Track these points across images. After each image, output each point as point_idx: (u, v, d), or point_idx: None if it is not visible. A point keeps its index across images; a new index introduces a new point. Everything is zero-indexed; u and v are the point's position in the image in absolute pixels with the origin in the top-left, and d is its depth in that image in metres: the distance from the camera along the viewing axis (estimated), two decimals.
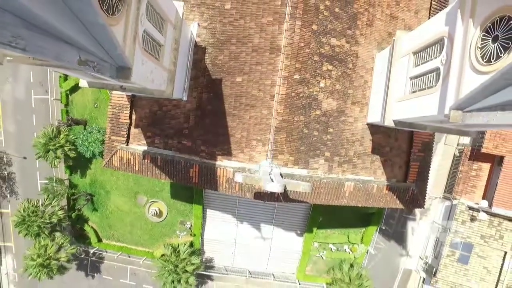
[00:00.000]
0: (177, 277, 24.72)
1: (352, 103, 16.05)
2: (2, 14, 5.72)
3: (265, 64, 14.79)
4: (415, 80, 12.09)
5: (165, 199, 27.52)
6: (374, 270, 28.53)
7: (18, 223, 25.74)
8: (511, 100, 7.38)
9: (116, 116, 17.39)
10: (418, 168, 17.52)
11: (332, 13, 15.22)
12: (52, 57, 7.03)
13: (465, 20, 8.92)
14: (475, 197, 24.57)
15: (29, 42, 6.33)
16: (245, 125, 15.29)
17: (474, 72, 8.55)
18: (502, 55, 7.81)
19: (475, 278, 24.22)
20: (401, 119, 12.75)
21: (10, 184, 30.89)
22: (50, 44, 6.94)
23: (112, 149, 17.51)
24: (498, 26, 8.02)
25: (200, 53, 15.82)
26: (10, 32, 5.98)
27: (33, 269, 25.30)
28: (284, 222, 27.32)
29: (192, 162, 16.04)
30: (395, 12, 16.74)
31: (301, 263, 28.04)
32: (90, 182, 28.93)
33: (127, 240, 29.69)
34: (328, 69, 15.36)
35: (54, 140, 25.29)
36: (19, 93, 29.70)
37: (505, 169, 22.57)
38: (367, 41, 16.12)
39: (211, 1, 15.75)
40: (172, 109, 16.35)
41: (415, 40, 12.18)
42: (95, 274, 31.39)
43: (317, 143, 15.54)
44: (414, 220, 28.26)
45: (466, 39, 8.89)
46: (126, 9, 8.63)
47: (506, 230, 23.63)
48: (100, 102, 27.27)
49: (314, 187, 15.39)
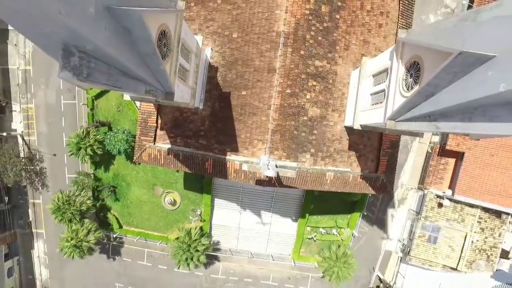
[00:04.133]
0: (190, 255, 29.16)
1: (332, 110, 20.44)
2: (109, 68, 10.27)
3: (264, 81, 19.18)
4: (374, 96, 16.49)
5: (179, 189, 31.99)
6: (359, 252, 32.99)
7: (54, 210, 30.21)
8: (417, 115, 11.79)
9: (145, 120, 21.80)
10: (386, 162, 21.92)
11: (316, 41, 19.58)
12: (132, 90, 11.56)
13: (397, 59, 13.32)
14: (443, 187, 28.97)
15: (122, 83, 10.88)
16: (249, 128, 19.71)
17: (401, 95, 12.95)
18: (414, 86, 12.21)
19: (442, 255, 28.67)
20: (365, 124, 17.14)
21: (41, 178, 35.29)
22: (131, 82, 11.47)
23: (142, 147, 21.93)
24: (413, 66, 12.40)
25: (213, 72, 20.21)
26: (115, 78, 10.51)
27: (67, 249, 29.79)
28: (281, 210, 31.77)
29: (207, 157, 20.50)
30: (367, 38, 21.08)
31: (296, 245, 32.50)
32: (113, 176, 33.36)
33: (145, 226, 34.14)
34: (313, 84, 19.74)
35: (84, 139, 29.66)
36: (51, 98, 34.09)
37: (465, 163, 26.94)
38: (344, 62, 20.48)
39: (221, 31, 20.11)
40: (191, 116, 20.77)
41: (373, 66, 16.58)
42: (116, 257, 35.85)
43: (305, 142, 19.96)
44: (393, 208, 32.71)
45: (398, 72, 13.30)
46: (171, 55, 13.04)
47: (467, 214, 28.06)
48: (123, 107, 31.66)
49: (302, 176, 19.83)
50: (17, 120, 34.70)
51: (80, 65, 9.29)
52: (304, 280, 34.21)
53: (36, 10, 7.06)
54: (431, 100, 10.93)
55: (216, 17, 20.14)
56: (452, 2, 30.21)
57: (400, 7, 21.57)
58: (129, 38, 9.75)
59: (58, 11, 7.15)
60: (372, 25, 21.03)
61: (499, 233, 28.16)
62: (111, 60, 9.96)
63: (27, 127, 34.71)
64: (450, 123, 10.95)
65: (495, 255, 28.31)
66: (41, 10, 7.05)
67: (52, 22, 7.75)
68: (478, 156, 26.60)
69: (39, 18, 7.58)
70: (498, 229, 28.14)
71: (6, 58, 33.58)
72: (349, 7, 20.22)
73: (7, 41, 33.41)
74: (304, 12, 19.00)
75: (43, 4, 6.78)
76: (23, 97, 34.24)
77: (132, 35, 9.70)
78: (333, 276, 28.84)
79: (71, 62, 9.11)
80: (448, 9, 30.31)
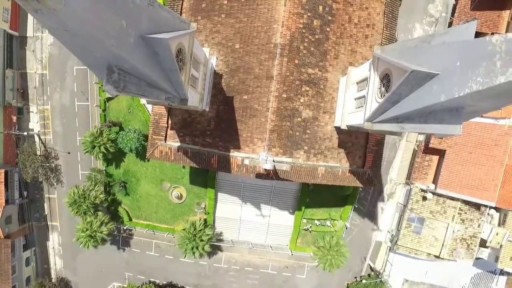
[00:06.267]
0: (195, 244, 31.84)
1: (323, 112, 23.09)
2: (139, 81, 12.93)
3: (263, 87, 21.83)
4: (357, 100, 19.13)
5: (185, 184, 34.67)
6: (352, 243, 35.67)
7: (71, 203, 32.91)
8: (388, 118, 14.42)
9: (157, 121, 24.46)
10: (372, 158, 24.58)
11: (309, 51, 22.22)
12: (155, 98, 14.22)
13: (373, 71, 15.97)
14: (427, 182, 31.61)
15: (148, 92, 13.56)
16: (249, 128, 22.36)
17: (376, 101, 15.58)
18: (385, 94, 14.84)
19: (426, 244, 31.34)
20: (351, 124, 19.77)
21: (56, 174, 37.90)
22: (155, 92, 14.15)
23: (154, 145, 24.59)
24: (385, 78, 15.04)
25: (218, 78, 22.85)
26: (143, 88, 13.17)
27: (83, 239, 32.48)
28: (279, 203, 34.45)
29: (213, 153, 23.16)
30: (355, 48, 23.71)
31: (293, 236, 35.17)
32: (123, 172, 36.02)
33: (153, 218, 36.80)
34: (306, 89, 22.39)
35: (98, 138, 32.30)
36: (65, 100, 36.74)
37: (446, 159, 29.57)
38: (334, 69, 23.11)
39: (225, 42, 22.75)
40: (198, 117, 23.42)
41: (356, 75, 19.22)
42: (126, 248, 38.49)
43: (299, 140, 22.61)
44: (383, 201, 35.37)
45: (374, 82, 15.94)
46: (185, 68, 15.69)
47: (449, 207, 30.71)
48: (133, 108, 34.31)
49: (296, 170, 22.49)
50: (34, 120, 37.34)
51: (118, 79, 11.94)
52: (300, 268, 36.88)
53: (96, 44, 9.74)
54: (397, 106, 13.60)
55: (221, 30, 22.79)
56: (436, 13, 32.83)
57: (385, 20, 24.22)
58: (156, 58, 12.40)
59: (111, 44, 9.83)
60: (359, 36, 23.67)
61: (478, 223, 30.80)
62: (141, 74, 12.62)
63: (43, 127, 37.34)
64: (412, 124, 13.63)
65: (474, 244, 30.96)
66: (100, 44, 9.72)
67: (104, 50, 10.42)
68: (458, 153, 29.24)
69: (94, 47, 10.26)
70: (477, 220, 30.78)
71: (25, 63, 36.25)
72: (338, 21, 22.86)
73: (25, 47, 36.05)
74: (298, 26, 21.64)
75: (104, 41, 9.45)
76: (40, 99, 36.88)
77: (159, 56, 12.35)
78: (326, 263, 31.50)
79: (113, 77, 11.75)
80: (432, 18, 32.93)
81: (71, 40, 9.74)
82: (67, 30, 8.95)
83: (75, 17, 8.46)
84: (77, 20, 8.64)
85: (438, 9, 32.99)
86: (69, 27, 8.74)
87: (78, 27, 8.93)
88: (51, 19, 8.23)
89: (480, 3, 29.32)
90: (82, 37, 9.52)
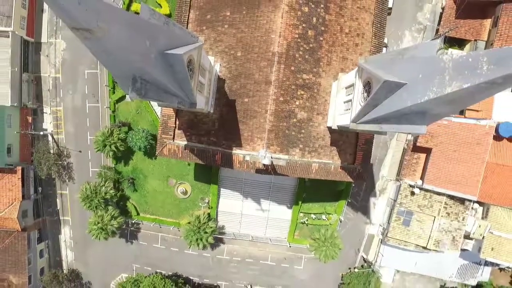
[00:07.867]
0: (199, 236, 34.20)
1: (317, 114, 25.44)
2: (157, 88, 15.32)
3: (262, 91, 24.20)
4: (346, 103, 21.49)
5: (190, 181, 37.04)
6: (346, 236, 37.97)
7: (84, 198, 35.30)
8: (369, 119, 16.77)
9: (165, 122, 26.84)
10: (362, 155, 26.93)
11: (304, 58, 24.57)
12: (169, 102, 16.58)
13: (358, 78, 18.33)
14: (415, 178, 33.93)
15: (164, 98, 15.95)
16: (250, 128, 24.73)
17: (360, 105, 17.92)
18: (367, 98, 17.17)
19: (414, 236, 33.69)
20: (340, 125, 22.13)
21: (68, 171, 40.26)
22: (169, 97, 16.52)
23: (163, 143, 26.96)
24: (367, 84, 17.40)
25: (221, 83, 25.21)
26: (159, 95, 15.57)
27: (95, 231, 34.87)
28: (277, 198, 36.80)
29: (217, 151, 25.54)
30: (346, 55, 26.03)
31: (290, 229, 37.51)
32: (132, 169, 38.39)
33: (159, 213, 39.14)
34: (301, 93, 24.74)
35: (109, 138, 34.65)
36: (77, 101, 39.09)
37: (432, 157, 31.89)
38: (327, 75, 25.44)
39: (228, 50, 25.10)
40: (203, 118, 25.80)
41: (345, 81, 21.58)
42: (133, 241, 40.81)
43: (294, 139, 24.98)
44: (375, 197, 37.72)
45: (358, 88, 18.30)
46: (194, 76, 18.07)
47: (435, 201, 33.05)
48: (141, 110, 36.68)
49: (292, 166, 24.87)
50: (48, 121, 39.73)
51: (141, 88, 14.33)
52: (298, 260, 39.24)
53: (125, 60, 12.13)
54: (376, 109, 15.97)
55: (224, 39, 25.15)
56: (424, 20, 35.15)
57: (373, 30, 26.55)
58: (171, 69, 14.78)
59: (137, 60, 12.24)
60: (350, 44, 26.01)
61: (462, 217, 33.12)
62: (159, 83, 15.00)
63: (56, 127, 39.70)
64: (389, 125, 16.00)
65: (459, 236, 33.29)
66: (129, 60, 12.11)
67: (131, 64, 12.81)
68: (443, 151, 31.56)
69: (123, 62, 12.65)
70: (462, 214, 33.10)
71: (39, 67, 38.64)
72: (331, 31, 25.21)
73: (40, 52, 38.45)
74: (294, 36, 24.00)
75: (132, 58, 11.84)
76: (53, 101, 39.25)
77: (173, 68, 14.73)
78: (322, 254, 33.80)
79: (136, 86, 14.14)
80: (421, 25, 35.26)
81: (107, 58, 12.13)
82: (105, 51, 11.36)
83: (113, 42, 10.87)
84: (114, 44, 11.04)
85: (427, 17, 35.30)
86: (107, 49, 11.15)
87: (114, 49, 11.33)
88: (95, 44, 10.63)
89: (464, 12, 31.58)
90: (115, 55, 11.91)
